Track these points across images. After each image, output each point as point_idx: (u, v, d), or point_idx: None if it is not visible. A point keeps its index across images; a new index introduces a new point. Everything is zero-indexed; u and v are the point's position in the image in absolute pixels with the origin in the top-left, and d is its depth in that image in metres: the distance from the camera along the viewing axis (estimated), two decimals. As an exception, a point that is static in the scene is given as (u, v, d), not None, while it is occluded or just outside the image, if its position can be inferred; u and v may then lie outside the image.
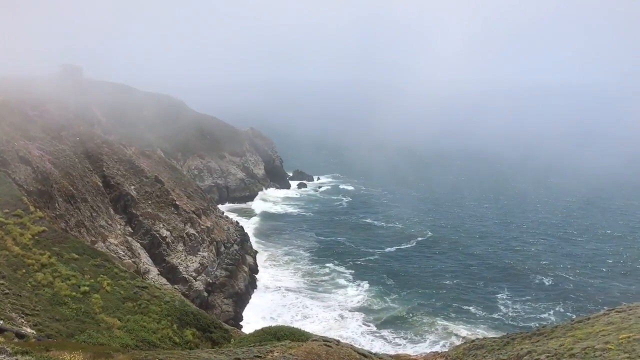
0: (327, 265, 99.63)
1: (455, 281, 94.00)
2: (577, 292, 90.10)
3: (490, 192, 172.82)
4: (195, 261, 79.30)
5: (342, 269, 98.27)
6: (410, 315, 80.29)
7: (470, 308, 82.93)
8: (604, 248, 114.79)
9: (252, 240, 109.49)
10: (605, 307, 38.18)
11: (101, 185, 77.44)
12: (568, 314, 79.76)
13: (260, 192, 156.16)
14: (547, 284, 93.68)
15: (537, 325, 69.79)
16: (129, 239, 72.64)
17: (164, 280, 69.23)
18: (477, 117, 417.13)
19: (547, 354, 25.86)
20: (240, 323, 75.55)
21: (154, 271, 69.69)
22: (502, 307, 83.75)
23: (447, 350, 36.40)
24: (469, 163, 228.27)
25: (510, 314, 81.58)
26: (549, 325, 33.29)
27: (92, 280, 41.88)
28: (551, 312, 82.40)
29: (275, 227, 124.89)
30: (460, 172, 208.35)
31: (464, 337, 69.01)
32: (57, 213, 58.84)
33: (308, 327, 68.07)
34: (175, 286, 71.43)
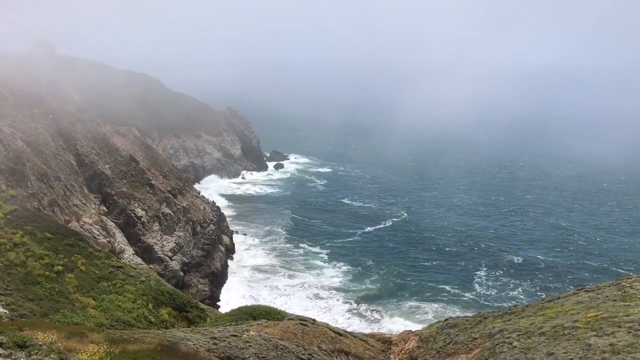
0: (304, 245, 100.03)
1: (429, 261, 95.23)
2: (548, 272, 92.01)
3: (466, 174, 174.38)
4: (171, 241, 78.93)
5: (318, 249, 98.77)
6: (386, 294, 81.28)
7: (445, 287, 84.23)
8: (574, 229, 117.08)
9: (229, 219, 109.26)
10: (574, 287, 39.03)
11: (75, 163, 76.35)
12: (539, 293, 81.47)
13: (238, 172, 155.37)
14: (519, 263, 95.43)
15: (509, 304, 71.31)
16: (104, 218, 71.94)
17: (139, 260, 68.88)
18: (456, 100, 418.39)
19: (518, 333, 26.44)
20: (217, 303, 75.66)
21: (129, 251, 69.26)
22: (476, 286, 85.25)
23: (421, 329, 36.97)
24: (447, 146, 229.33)
25: (483, 293, 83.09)
26: (520, 304, 34.01)
27: (66, 260, 41.50)
28: (523, 291, 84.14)
29: (252, 207, 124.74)
30: (438, 155, 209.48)
31: (437, 316, 70.14)
32: (30, 192, 57.94)
33: (284, 306, 68.51)
34: (151, 266, 71.12)
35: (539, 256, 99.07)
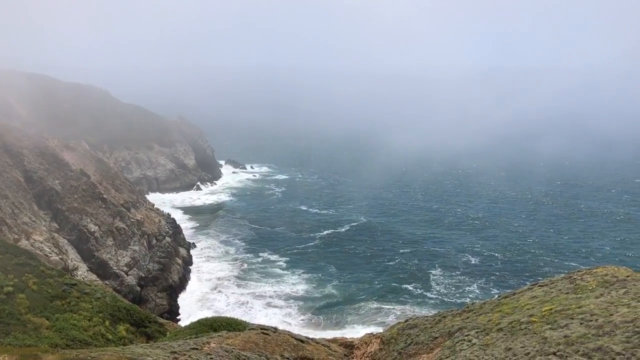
0: (263, 254, 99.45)
1: (388, 264, 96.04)
2: (503, 269, 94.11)
3: (420, 178, 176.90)
4: (126, 255, 77.28)
5: (277, 257, 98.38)
6: (347, 299, 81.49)
7: (405, 288, 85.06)
8: (526, 227, 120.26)
9: (186, 231, 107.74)
10: (529, 282, 40.10)
11: (23, 180, 73.91)
12: (496, 290, 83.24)
13: (193, 182, 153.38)
14: (475, 262, 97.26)
15: (467, 300, 72.58)
16: (55, 235, 69.84)
17: (94, 277, 67.15)
18: (415, 105, 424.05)
19: (477, 330, 26.94)
20: (177, 317, 74.37)
21: (83, 267, 67.45)
22: (435, 286, 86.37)
23: (382, 331, 37.24)
24: (404, 151, 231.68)
25: (442, 292, 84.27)
26: (478, 301, 34.65)
27: (16, 280, 40.05)
28: (480, 288, 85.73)
29: (209, 218, 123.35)
30: (396, 161, 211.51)
31: (398, 317, 70.75)
32: (-25, 211, 55.77)
33: (245, 316, 68.00)
34: (106, 282, 69.46)
35: (494, 254, 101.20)
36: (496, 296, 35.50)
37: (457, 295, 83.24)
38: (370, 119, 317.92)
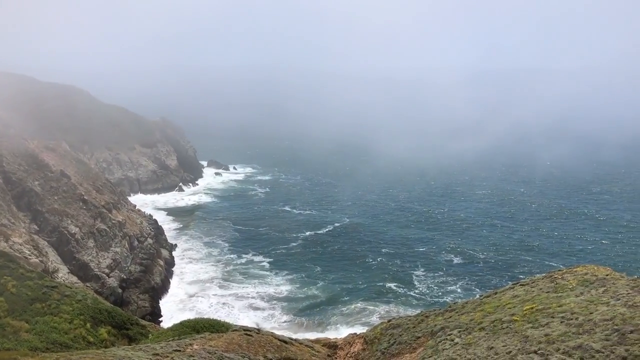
0: (246, 255, 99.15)
1: (372, 264, 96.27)
2: (485, 269, 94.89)
3: (403, 178, 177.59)
4: (108, 257, 76.56)
5: (261, 257, 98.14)
6: (330, 299, 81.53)
7: (389, 288, 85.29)
8: (508, 227, 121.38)
9: (168, 232, 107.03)
10: (510, 282, 40.44)
11: (1, 181, 72.89)
12: (478, 289, 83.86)
13: (175, 183, 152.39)
14: (458, 262, 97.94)
15: (450, 301, 73.03)
16: (35, 237, 68.93)
17: (74, 279, 66.40)
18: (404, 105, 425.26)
19: (459, 329, 27.11)
20: (159, 319, 73.83)
21: (63, 270, 66.65)
22: (418, 285, 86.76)
23: (365, 331, 37.34)
24: (389, 152, 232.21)
25: (425, 291, 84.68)
26: (460, 301, 34.87)
27: (-5, 283, 39.48)
28: (462, 288, 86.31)
29: (192, 219, 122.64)
30: (380, 162, 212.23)
31: (382, 317, 70.92)
32: (-48, 213, 54.87)
33: (228, 317, 67.76)
34: (87, 284, 68.71)
35: (476, 254, 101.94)
36: (478, 295, 35.73)
37: (440, 294, 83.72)
38: (357, 121, 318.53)
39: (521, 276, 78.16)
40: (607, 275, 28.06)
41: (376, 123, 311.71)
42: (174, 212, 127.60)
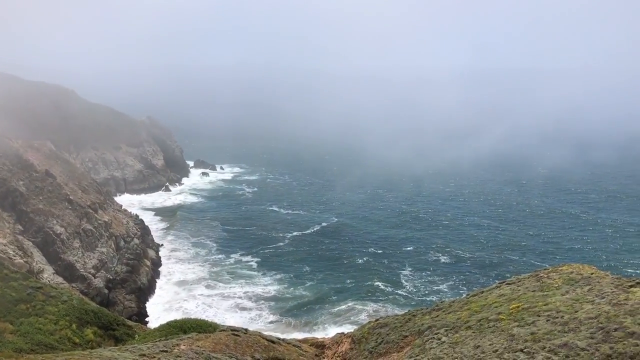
0: (234, 255, 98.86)
1: (360, 263, 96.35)
2: (472, 268, 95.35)
3: (391, 177, 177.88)
4: (94, 257, 75.99)
5: (249, 258, 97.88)
6: (318, 298, 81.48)
7: (377, 287, 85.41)
8: (496, 226, 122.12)
9: (155, 232, 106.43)
10: (497, 280, 40.67)
11: (-15, 181, 72.07)
12: (465, 288, 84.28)
13: (162, 183, 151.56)
14: (445, 261, 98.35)
15: (437, 300, 73.34)
16: (20, 237, 68.24)
17: (60, 279, 65.83)
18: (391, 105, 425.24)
19: (446, 328, 27.25)
20: (146, 319, 73.41)
21: (48, 270, 66.06)
22: (407, 285, 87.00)
23: (353, 330, 37.39)
24: (376, 152, 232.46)
25: (413, 290, 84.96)
26: (447, 300, 35.04)
27: (-21, 284, 39.07)
28: (449, 287, 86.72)
29: (178, 219, 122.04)
30: (368, 161, 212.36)
31: (370, 316, 71.04)
32: None
33: (215, 318, 67.49)
34: (73, 284, 68.16)
35: (463, 254, 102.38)
36: (465, 294, 35.93)
37: (427, 293, 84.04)
38: (346, 120, 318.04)
39: (507, 275, 78.67)
40: (592, 273, 28.33)
41: (366, 123, 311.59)
42: (161, 212, 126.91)
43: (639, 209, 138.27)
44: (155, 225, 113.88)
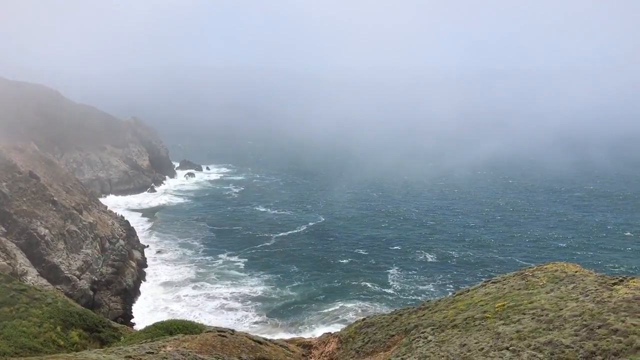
0: (221, 255, 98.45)
1: (347, 263, 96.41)
2: (458, 267, 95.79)
3: (381, 180, 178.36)
4: (79, 259, 75.33)
5: (236, 258, 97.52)
6: (305, 298, 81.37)
7: (365, 286, 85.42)
8: (481, 226, 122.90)
9: (140, 233, 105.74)
10: (483, 279, 40.92)
11: (-33, 183, 71.18)
12: (451, 287, 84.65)
13: (147, 184, 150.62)
14: (431, 261, 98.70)
15: (423, 299, 73.61)
16: (3, 239, 67.47)
17: (44, 281, 65.16)
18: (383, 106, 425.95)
19: (433, 327, 27.37)
20: (131, 321, 72.93)
21: (32, 272, 65.36)
22: (393, 283, 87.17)
23: (340, 330, 37.44)
24: (362, 152, 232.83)
25: (400, 289, 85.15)
26: (434, 299, 35.19)
27: (-39, 287, 38.59)
28: (436, 286, 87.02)
29: (164, 219, 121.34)
30: (354, 161, 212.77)
31: (357, 315, 71.09)
32: None
33: (201, 319, 67.20)
34: (58, 286, 67.50)
35: (450, 253, 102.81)
36: (451, 293, 36.11)
37: (414, 292, 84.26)
38: (335, 122, 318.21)
39: (493, 274, 79.21)
40: (576, 272, 28.61)
41: (357, 125, 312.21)
42: (146, 213, 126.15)
43: (623, 208, 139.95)
44: (140, 226, 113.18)
